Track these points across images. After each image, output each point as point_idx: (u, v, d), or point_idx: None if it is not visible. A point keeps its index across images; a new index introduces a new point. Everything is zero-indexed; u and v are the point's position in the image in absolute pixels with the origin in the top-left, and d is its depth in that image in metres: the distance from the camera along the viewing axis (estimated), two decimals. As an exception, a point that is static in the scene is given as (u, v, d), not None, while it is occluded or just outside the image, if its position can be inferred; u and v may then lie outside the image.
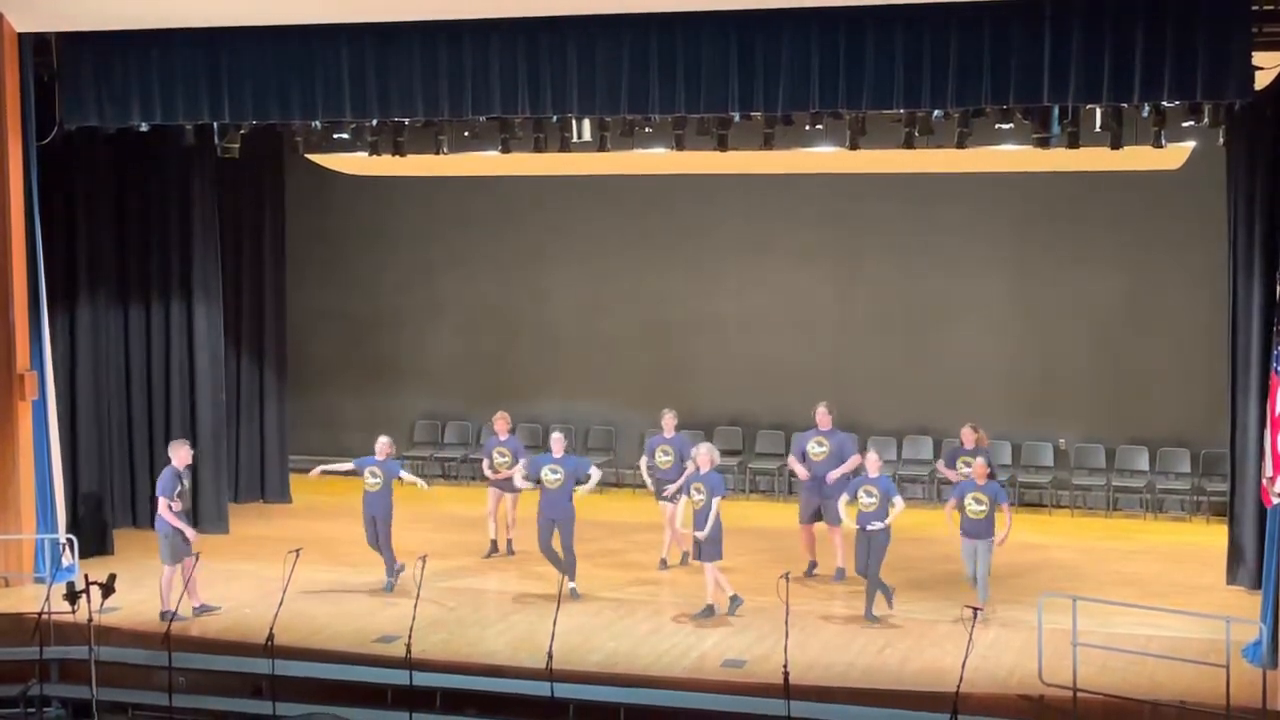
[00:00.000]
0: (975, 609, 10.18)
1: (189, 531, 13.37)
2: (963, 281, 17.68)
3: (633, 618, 13.25)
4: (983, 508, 13.08)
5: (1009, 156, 15.24)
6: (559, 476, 13.81)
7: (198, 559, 13.19)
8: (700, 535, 13.12)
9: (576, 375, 19.02)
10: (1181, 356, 16.69)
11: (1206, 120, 13.08)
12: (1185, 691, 10.92)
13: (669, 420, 14.97)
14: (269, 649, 11.13)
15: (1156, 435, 17.11)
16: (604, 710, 11.16)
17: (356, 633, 12.87)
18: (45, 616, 11.76)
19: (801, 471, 14.59)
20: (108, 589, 11.34)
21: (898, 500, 13.05)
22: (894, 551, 13.24)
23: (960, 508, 13.36)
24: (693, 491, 13.27)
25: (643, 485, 15.61)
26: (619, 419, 18.69)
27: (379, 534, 14.19)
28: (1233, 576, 13.85)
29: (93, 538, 15.34)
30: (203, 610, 13.40)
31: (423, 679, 11.15)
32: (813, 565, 14.52)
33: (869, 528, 13.02)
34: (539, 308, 19.15)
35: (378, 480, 14.15)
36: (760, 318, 18.35)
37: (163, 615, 12.84)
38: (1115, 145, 13.66)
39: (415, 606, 11.35)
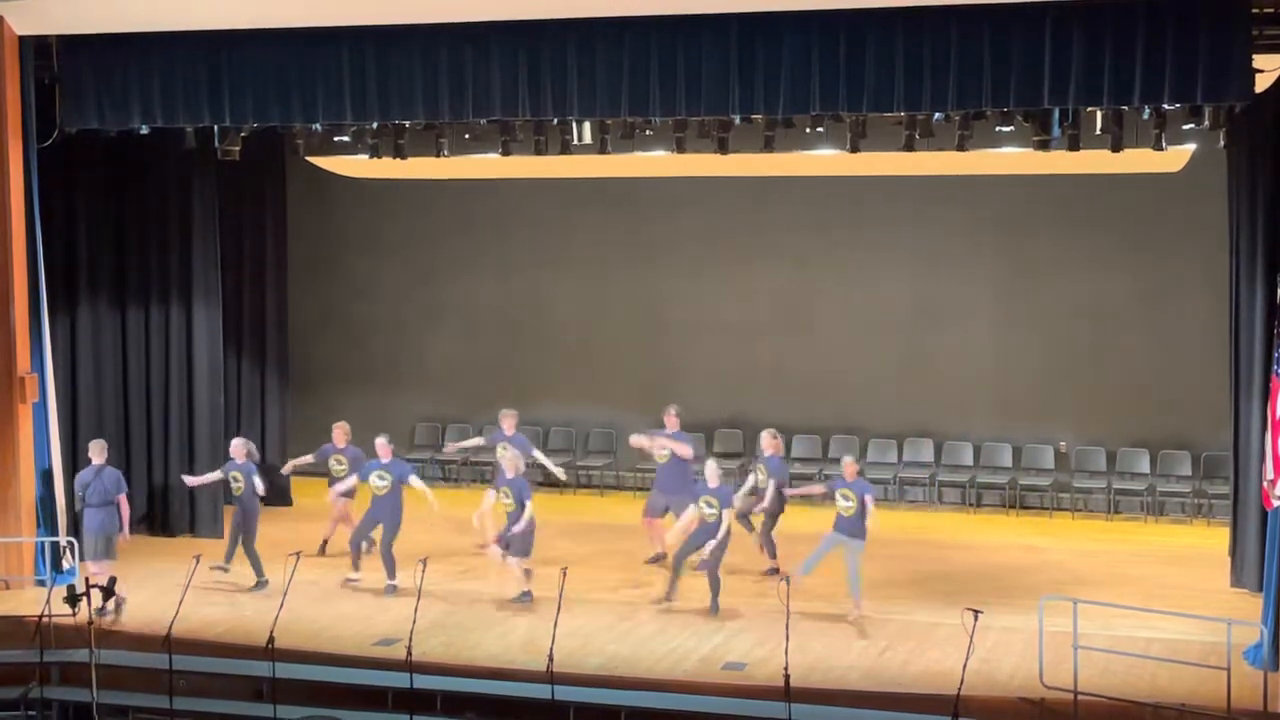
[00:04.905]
0: (977, 611, 10.15)
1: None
2: (963, 283, 17.65)
3: (633, 620, 13.23)
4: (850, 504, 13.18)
5: (1009, 159, 15.25)
6: (510, 500, 13.69)
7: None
8: (515, 529, 13.39)
9: (577, 378, 18.99)
10: (1182, 359, 16.66)
11: (1207, 123, 13.07)
12: (1186, 694, 10.91)
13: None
14: (269, 651, 11.14)
15: (1157, 438, 17.08)
16: (604, 713, 11.14)
17: (357, 635, 12.87)
18: (46, 619, 11.77)
19: (647, 444, 14.98)
20: (108, 592, 11.35)
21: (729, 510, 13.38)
22: (894, 555, 13.20)
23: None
24: (501, 495, 13.54)
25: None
26: (619, 422, 18.66)
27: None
28: (1237, 579, 13.84)
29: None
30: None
31: (423, 681, 11.16)
32: (659, 555, 14.78)
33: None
34: (539, 310, 19.13)
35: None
36: (761, 320, 18.32)
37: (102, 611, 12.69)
38: (1116, 148, 13.68)
39: (416, 609, 11.36)
